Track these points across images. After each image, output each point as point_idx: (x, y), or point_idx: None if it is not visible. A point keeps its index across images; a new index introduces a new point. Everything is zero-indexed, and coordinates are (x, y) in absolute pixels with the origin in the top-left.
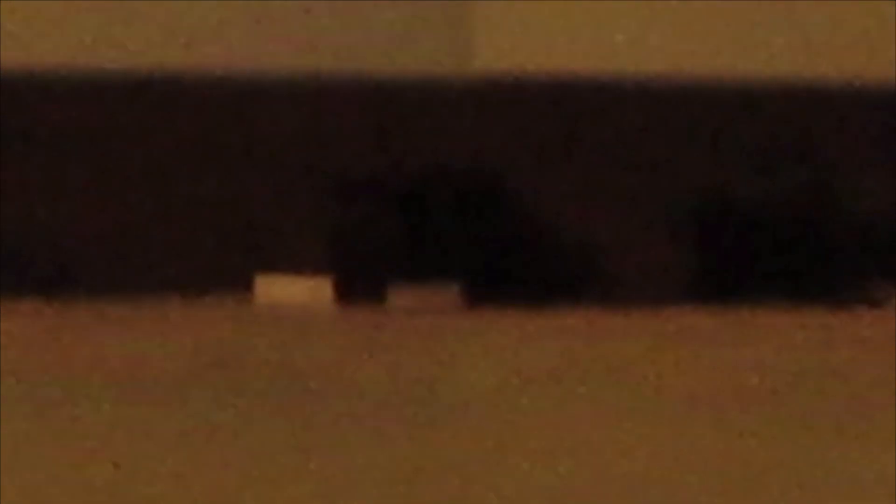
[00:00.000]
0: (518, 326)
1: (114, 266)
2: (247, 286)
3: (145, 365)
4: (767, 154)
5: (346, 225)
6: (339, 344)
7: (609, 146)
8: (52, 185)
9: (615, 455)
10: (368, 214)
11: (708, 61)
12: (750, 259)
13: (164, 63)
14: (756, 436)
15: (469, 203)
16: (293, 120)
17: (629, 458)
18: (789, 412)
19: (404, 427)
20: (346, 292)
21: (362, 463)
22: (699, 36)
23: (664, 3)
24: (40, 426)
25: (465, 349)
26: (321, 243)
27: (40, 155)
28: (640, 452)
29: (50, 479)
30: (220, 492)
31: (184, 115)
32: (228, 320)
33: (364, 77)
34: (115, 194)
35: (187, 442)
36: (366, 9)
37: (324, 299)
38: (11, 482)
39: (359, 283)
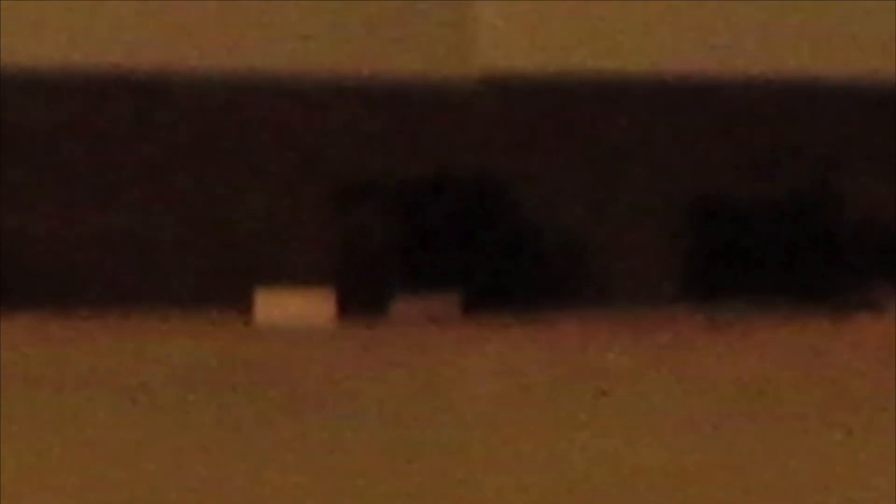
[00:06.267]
0: (518, 335)
1: (113, 277)
2: (248, 300)
3: (144, 378)
4: (767, 154)
5: (348, 237)
6: (341, 356)
7: (607, 148)
8: (49, 194)
9: (612, 461)
10: (368, 225)
11: (707, 61)
12: (748, 263)
13: (163, 64)
14: (755, 440)
15: (467, 212)
16: (294, 126)
17: (626, 463)
18: (789, 417)
19: (406, 437)
20: (349, 305)
21: (364, 473)
22: (697, 36)
23: (663, 3)
24: (38, 437)
25: (465, 358)
26: (323, 256)
27: (38, 163)
28: (637, 458)
29: (49, 485)
30: (220, 501)
31: (184, 129)
32: (229, 334)
33: (366, 82)
34: (111, 205)
35: (186, 455)
36: (366, 9)
37: (326, 312)
38: (12, 485)
39: (361, 296)
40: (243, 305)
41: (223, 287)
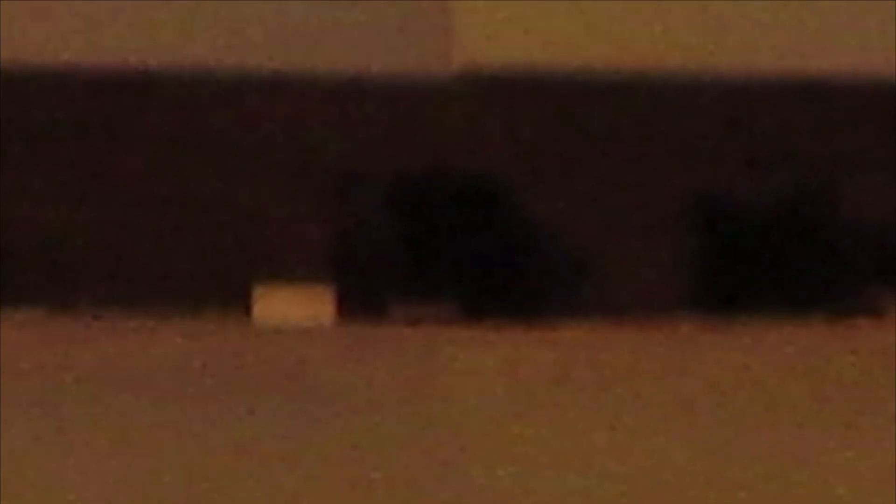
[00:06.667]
0: (517, 336)
1: (110, 276)
2: (246, 299)
3: (142, 376)
4: (767, 156)
5: (347, 237)
6: (339, 355)
7: (607, 149)
8: (46, 192)
9: (611, 463)
10: (368, 225)
11: (704, 63)
12: (748, 267)
13: (158, 61)
14: (755, 442)
15: (467, 213)
16: (293, 126)
17: (625, 465)
18: (789, 420)
19: (404, 436)
20: (348, 304)
21: (362, 472)
22: (697, 34)
23: (663, 3)
24: (36, 433)
25: (464, 359)
26: (322, 255)
27: (35, 161)
28: (637, 460)
29: (47, 482)
30: (220, 499)
31: (179, 119)
32: (228, 333)
33: (367, 81)
34: (108, 204)
35: (185, 452)
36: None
37: (325, 311)
38: (11, 486)
39: (360, 295)
40: (242, 304)
41: (222, 286)
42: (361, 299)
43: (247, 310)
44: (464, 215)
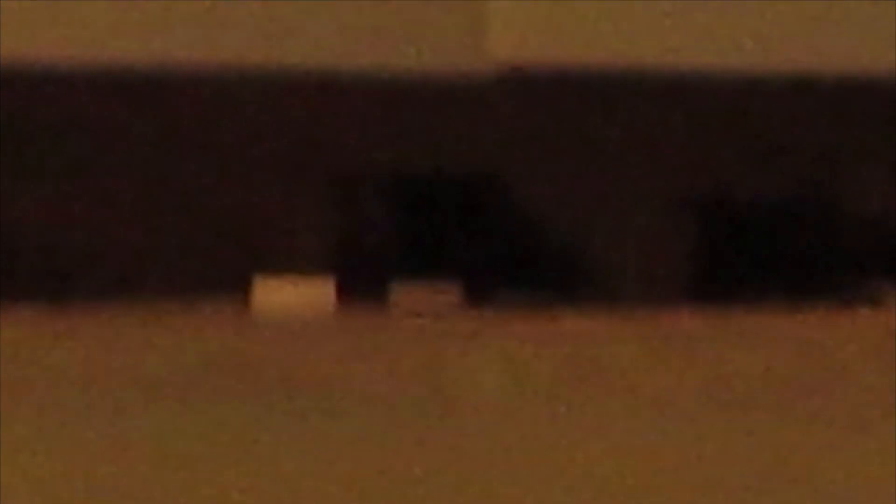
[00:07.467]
0: (519, 328)
1: (109, 268)
2: (246, 289)
3: (140, 369)
4: (768, 151)
5: (347, 226)
6: (340, 346)
7: (609, 143)
8: (45, 184)
9: (615, 457)
10: (368, 214)
11: (707, 58)
12: (749, 259)
13: (163, 61)
14: (756, 437)
15: (469, 203)
16: (294, 115)
17: (629, 459)
18: (789, 413)
19: (406, 429)
20: (348, 294)
21: (364, 465)
22: (699, 33)
23: (662, 0)
24: (34, 431)
25: (466, 349)
26: (322, 245)
27: (36, 156)
28: (640, 454)
29: (48, 483)
30: (220, 496)
31: (181, 113)
32: (227, 323)
33: (367, 75)
34: (107, 195)
35: (184, 446)
36: (367, 6)
37: (325, 301)
38: (10, 486)
39: (361, 285)
40: (241, 295)
41: (221, 276)
42: (362, 290)
43: (246, 300)
44: (466, 205)
